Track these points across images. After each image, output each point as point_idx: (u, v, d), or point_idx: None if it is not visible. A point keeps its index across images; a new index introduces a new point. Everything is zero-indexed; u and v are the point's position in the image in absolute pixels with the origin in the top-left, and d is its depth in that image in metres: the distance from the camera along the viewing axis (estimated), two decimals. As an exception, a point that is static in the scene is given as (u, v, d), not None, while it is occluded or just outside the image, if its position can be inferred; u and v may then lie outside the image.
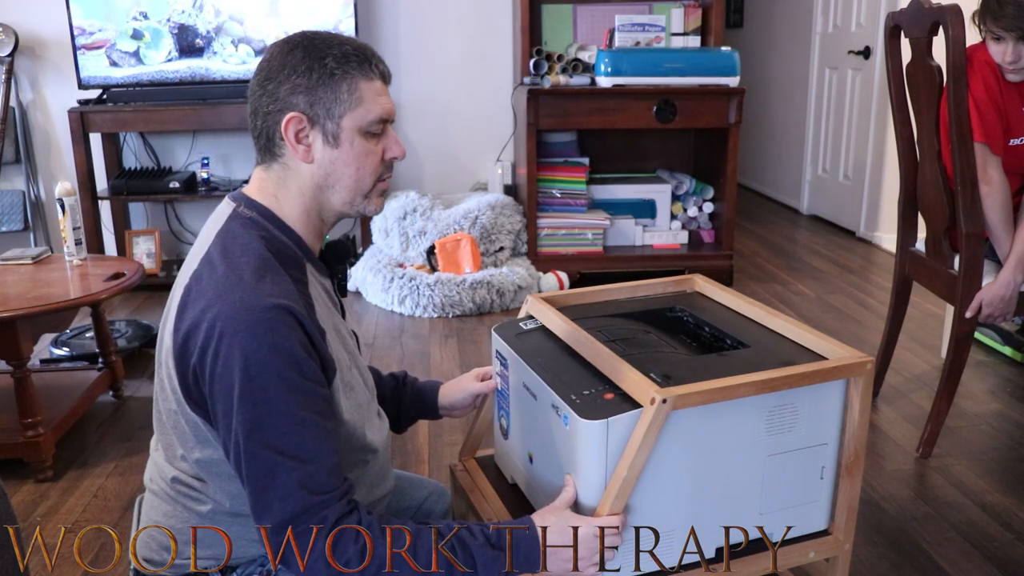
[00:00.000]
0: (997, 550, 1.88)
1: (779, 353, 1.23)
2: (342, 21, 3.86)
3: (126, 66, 3.80)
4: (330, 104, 1.12)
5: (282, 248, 1.13)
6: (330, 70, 1.11)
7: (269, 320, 1.03)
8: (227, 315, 1.03)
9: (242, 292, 1.04)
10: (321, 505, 1.04)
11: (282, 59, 1.12)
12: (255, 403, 1.03)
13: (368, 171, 1.17)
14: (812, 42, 5.23)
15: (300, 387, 1.04)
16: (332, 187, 1.16)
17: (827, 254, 4.45)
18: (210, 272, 1.08)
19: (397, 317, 3.51)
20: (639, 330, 1.36)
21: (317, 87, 1.11)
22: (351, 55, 1.13)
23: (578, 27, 4.09)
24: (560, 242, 3.84)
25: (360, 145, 1.15)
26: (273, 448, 1.03)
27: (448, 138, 4.34)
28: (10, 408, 2.26)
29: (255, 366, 1.02)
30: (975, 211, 2.15)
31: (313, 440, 1.05)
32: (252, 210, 1.15)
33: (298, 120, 1.11)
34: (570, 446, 1.11)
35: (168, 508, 1.19)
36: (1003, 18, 2.06)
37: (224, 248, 1.10)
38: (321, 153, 1.14)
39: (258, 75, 1.14)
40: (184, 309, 1.08)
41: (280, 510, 1.04)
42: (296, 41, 1.13)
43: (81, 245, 2.55)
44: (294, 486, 1.03)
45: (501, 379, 1.36)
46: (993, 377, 2.83)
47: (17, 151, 4.01)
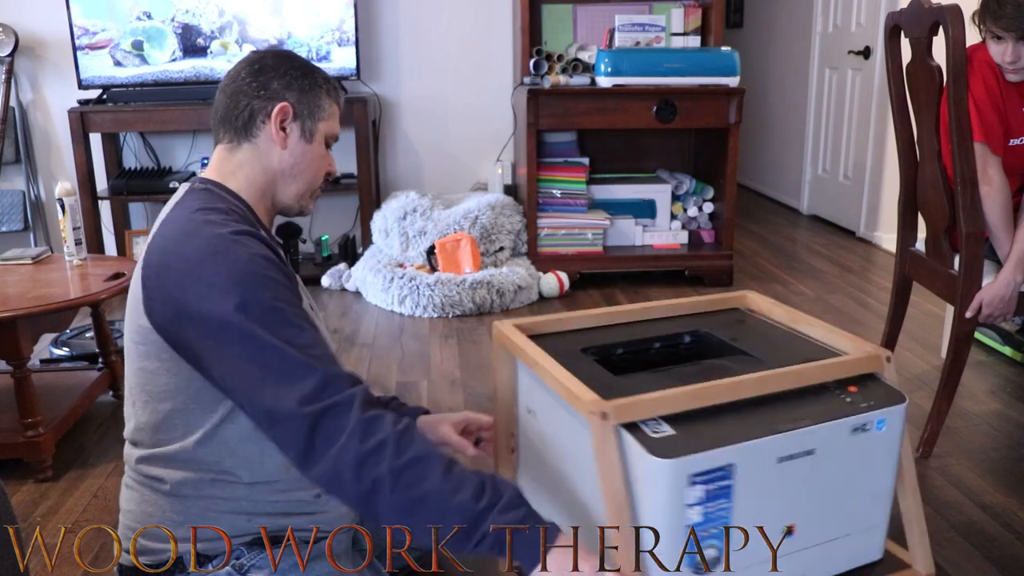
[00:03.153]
0: (997, 550, 1.88)
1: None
2: (344, 21, 3.86)
3: (130, 66, 3.80)
4: (314, 108, 1.31)
5: (238, 211, 1.23)
6: (318, 82, 1.32)
7: (243, 240, 1.13)
8: (206, 240, 1.12)
9: (213, 225, 1.14)
10: (341, 379, 1.08)
11: (278, 61, 1.30)
12: (252, 306, 1.08)
13: (320, 173, 1.35)
14: (812, 42, 5.23)
15: (286, 287, 1.14)
16: (293, 177, 1.31)
17: (827, 254, 4.45)
18: (173, 224, 1.18)
19: (397, 317, 3.50)
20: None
21: (309, 90, 1.30)
22: (329, 80, 1.35)
23: (578, 27, 4.09)
24: (560, 242, 3.84)
25: (322, 149, 1.33)
26: (279, 337, 1.08)
27: (448, 138, 4.34)
28: (10, 408, 2.26)
29: (243, 273, 1.10)
30: (975, 211, 2.15)
31: (310, 332, 1.12)
32: (205, 184, 1.27)
33: (286, 110, 1.28)
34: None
35: (135, 495, 1.22)
36: (1003, 18, 2.06)
37: (185, 206, 1.20)
38: (295, 144, 1.29)
39: (250, 66, 1.29)
40: (151, 256, 1.16)
41: (302, 383, 1.06)
42: (289, 53, 1.34)
43: (81, 245, 2.55)
44: (309, 361, 1.08)
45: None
46: (993, 377, 2.83)
47: (17, 151, 4.01)
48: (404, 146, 4.34)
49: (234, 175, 1.28)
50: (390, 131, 4.30)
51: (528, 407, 1.30)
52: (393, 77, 4.24)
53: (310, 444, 1.04)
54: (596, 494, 1.13)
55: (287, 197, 1.32)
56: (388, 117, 4.27)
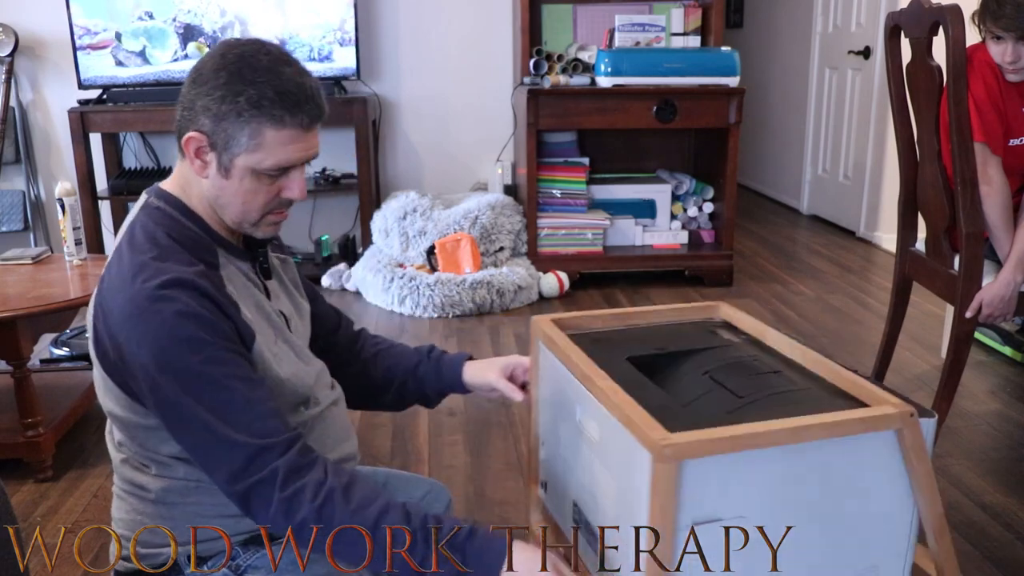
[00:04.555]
0: (997, 550, 1.88)
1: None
2: (346, 21, 3.86)
3: (132, 66, 3.80)
4: (229, 140, 1.12)
5: (189, 235, 1.16)
6: (239, 109, 1.10)
7: (169, 295, 1.07)
8: (130, 297, 1.07)
9: (143, 277, 1.08)
10: (267, 450, 1.06)
11: (210, 73, 1.12)
12: (174, 371, 1.06)
13: (255, 207, 1.17)
14: (812, 42, 5.23)
15: (214, 344, 1.08)
16: (222, 207, 1.17)
17: (827, 254, 4.45)
18: (118, 262, 1.13)
19: (397, 317, 3.51)
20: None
21: (224, 119, 1.11)
22: (270, 98, 1.10)
23: (578, 27, 4.09)
24: (560, 242, 3.84)
25: (249, 183, 1.14)
26: (205, 407, 1.06)
27: (448, 138, 4.34)
28: (10, 408, 2.26)
29: (164, 336, 1.06)
30: (975, 211, 2.15)
31: (242, 391, 1.08)
32: (161, 200, 1.18)
33: (199, 139, 1.12)
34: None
35: (124, 504, 1.22)
36: (1003, 18, 2.06)
37: (131, 238, 1.15)
38: (214, 176, 1.15)
39: (191, 73, 1.14)
40: (98, 295, 1.14)
41: (229, 461, 1.06)
42: (230, 59, 1.11)
43: (81, 245, 2.55)
44: (235, 435, 1.06)
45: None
46: (993, 377, 2.83)
47: (17, 151, 4.01)
48: (404, 146, 4.34)
49: (185, 192, 1.19)
50: (390, 131, 4.30)
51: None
52: (393, 77, 4.24)
53: (247, 511, 1.08)
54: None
55: (230, 223, 1.19)
56: (388, 117, 4.28)
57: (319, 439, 1.25)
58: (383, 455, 2.34)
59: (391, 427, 2.50)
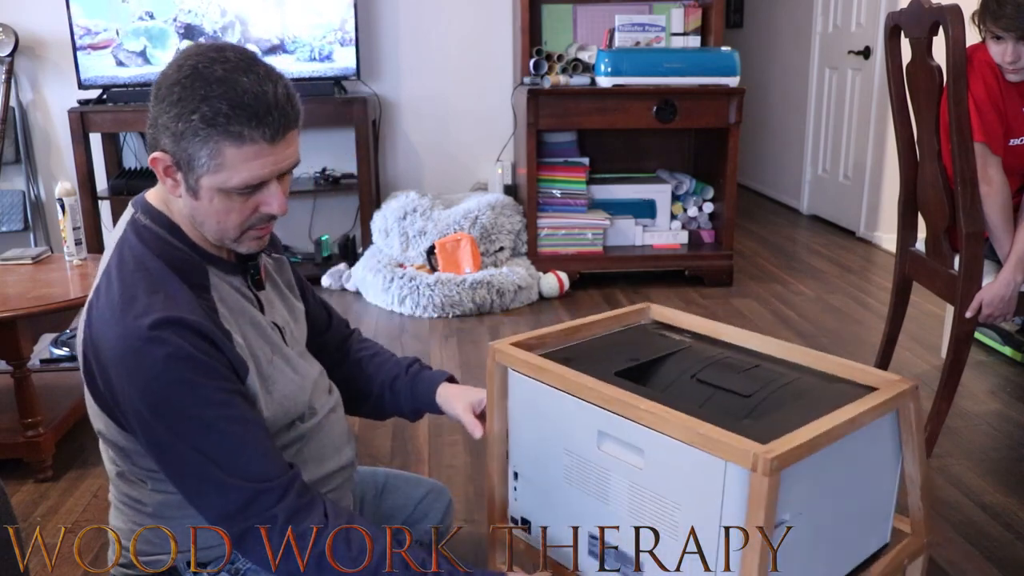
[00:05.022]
0: (997, 550, 1.88)
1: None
2: (346, 21, 3.86)
3: (132, 66, 3.80)
4: (190, 160, 1.05)
5: (178, 257, 1.12)
6: (194, 128, 1.02)
7: (161, 336, 1.03)
8: (121, 335, 1.03)
9: (134, 313, 1.04)
10: (264, 494, 1.05)
11: (166, 88, 1.04)
12: (166, 415, 1.04)
13: (230, 225, 1.10)
14: (812, 42, 5.23)
15: (206, 386, 1.05)
16: (199, 225, 1.12)
17: (827, 254, 4.45)
18: (107, 288, 1.09)
19: (397, 317, 3.51)
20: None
21: (181, 138, 1.03)
22: (225, 113, 1.01)
23: (578, 27, 4.09)
24: (560, 242, 3.84)
25: (220, 203, 1.08)
26: (198, 451, 1.04)
27: (448, 138, 4.34)
28: (10, 408, 2.26)
29: (155, 379, 1.03)
30: (975, 211, 2.15)
31: (236, 433, 1.06)
32: (148, 217, 1.13)
33: (164, 159, 1.07)
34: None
35: (122, 516, 1.21)
36: (1003, 18, 2.06)
37: (121, 262, 1.10)
38: (185, 196, 1.09)
39: (153, 87, 1.07)
40: (88, 325, 1.10)
41: (222, 505, 1.05)
42: (184, 73, 1.03)
43: (81, 245, 2.55)
44: (228, 479, 1.04)
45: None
46: (993, 377, 2.83)
47: (17, 151, 4.01)
48: (404, 146, 4.34)
49: (168, 208, 1.14)
50: (390, 131, 4.30)
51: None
52: (393, 77, 4.24)
53: (239, 549, 1.08)
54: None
55: (210, 239, 1.14)
56: (388, 117, 4.27)
57: (317, 450, 1.24)
58: (383, 455, 2.33)
59: (391, 427, 2.50)
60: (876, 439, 1.14)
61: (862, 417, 1.06)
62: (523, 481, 1.28)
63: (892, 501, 1.21)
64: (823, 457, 1.03)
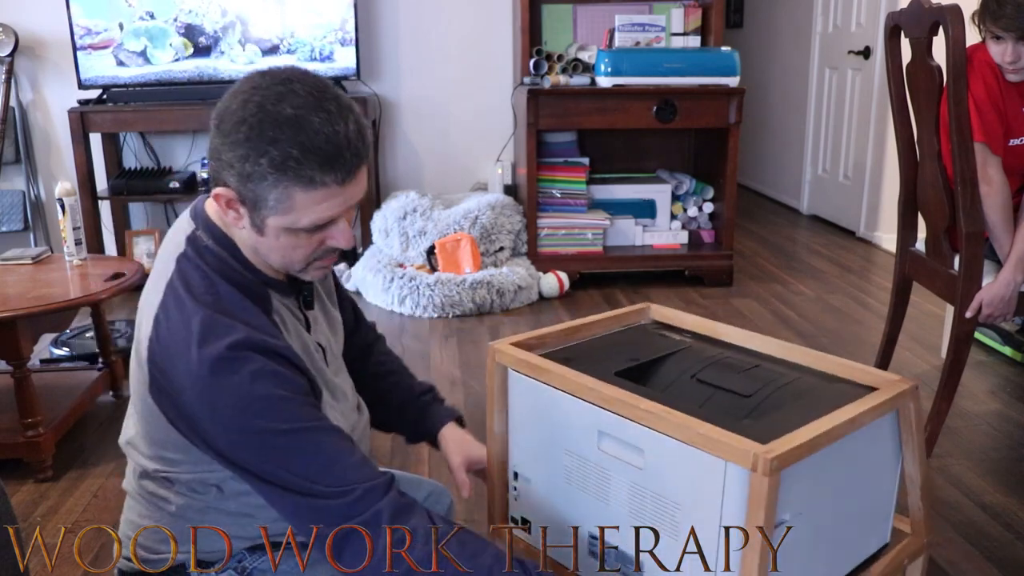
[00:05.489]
0: (997, 550, 1.88)
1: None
2: (347, 21, 3.86)
3: (133, 66, 3.80)
4: (257, 200, 1.02)
5: (243, 281, 1.10)
6: (262, 172, 0.99)
7: (241, 356, 1.01)
8: (200, 360, 1.00)
9: (212, 334, 1.01)
10: (369, 492, 1.03)
11: (231, 124, 1.00)
12: (258, 435, 1.01)
13: (296, 259, 1.09)
14: (812, 42, 5.23)
15: (294, 400, 1.03)
16: (263, 256, 1.10)
17: (827, 254, 4.45)
18: (177, 306, 1.05)
19: (397, 317, 3.51)
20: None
21: (249, 180, 1.00)
22: (296, 158, 0.98)
23: (578, 27, 4.09)
24: (560, 242, 3.84)
25: (287, 240, 1.06)
26: (293, 468, 1.02)
27: (448, 138, 4.34)
28: (10, 408, 2.26)
29: (243, 399, 1.00)
30: (975, 211, 2.15)
31: (331, 444, 1.04)
32: (209, 236, 1.10)
33: (228, 194, 1.03)
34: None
35: (139, 508, 1.19)
36: (1003, 18, 2.06)
37: (187, 280, 1.07)
38: (248, 230, 1.06)
39: (215, 115, 1.03)
40: (155, 343, 1.06)
41: (325, 517, 1.03)
42: (250, 110, 0.99)
43: (81, 245, 2.55)
44: (327, 490, 1.02)
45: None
46: (993, 377, 2.83)
47: (17, 151, 4.01)
48: (404, 146, 4.34)
49: (229, 229, 1.11)
50: (390, 131, 4.30)
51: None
52: (393, 77, 4.24)
53: (337, 558, 1.04)
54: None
55: (275, 266, 1.12)
56: (388, 117, 4.27)
57: None
58: (383, 455, 2.33)
59: (391, 427, 2.50)
60: (876, 439, 1.14)
61: (862, 417, 1.06)
62: (523, 481, 1.28)
63: (892, 501, 1.21)
64: (823, 457, 1.03)
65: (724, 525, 0.98)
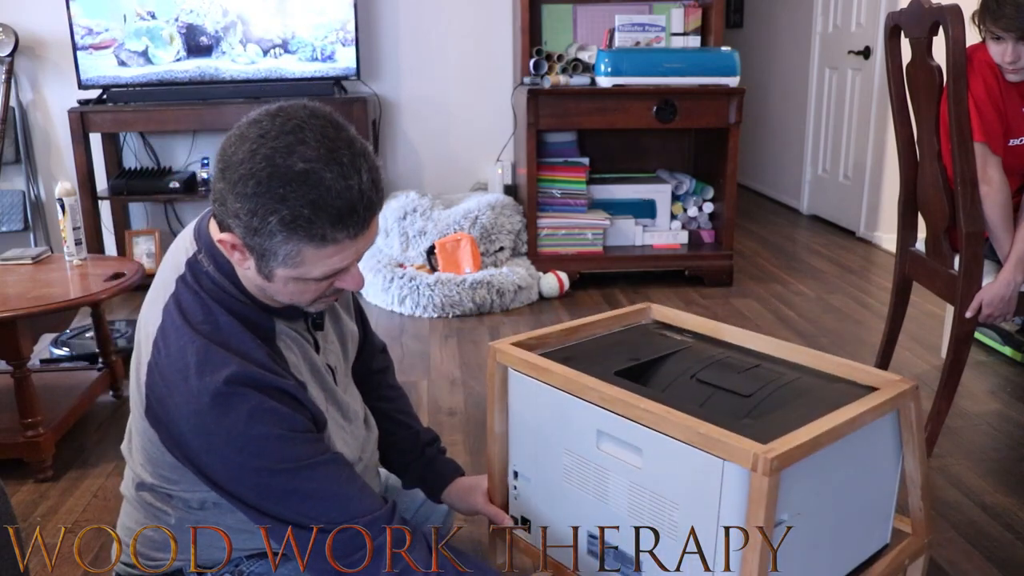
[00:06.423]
0: (997, 550, 1.88)
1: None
2: (348, 21, 3.85)
3: (134, 66, 3.80)
4: (264, 252, 0.98)
5: (241, 309, 1.07)
6: (271, 230, 0.95)
7: (239, 392, 0.99)
8: (196, 393, 0.99)
9: (208, 366, 0.99)
10: (370, 526, 1.03)
11: (237, 175, 0.95)
12: (255, 472, 1.01)
13: (305, 300, 1.07)
14: (812, 42, 5.23)
15: (292, 439, 1.02)
16: (271, 295, 1.07)
17: (827, 254, 4.45)
18: (175, 333, 1.03)
19: (397, 317, 3.50)
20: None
21: (256, 234, 0.96)
22: (307, 217, 0.93)
23: (578, 27, 4.09)
24: (560, 242, 3.84)
25: (295, 286, 1.03)
26: (292, 505, 1.02)
27: (448, 138, 4.34)
28: (10, 408, 2.26)
29: (241, 436, 0.99)
30: (975, 211, 2.15)
31: (330, 478, 1.04)
32: (211, 261, 1.07)
33: (233, 240, 1.00)
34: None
35: (138, 516, 1.19)
36: (1003, 18, 2.06)
37: (184, 307, 1.05)
38: (254, 273, 1.03)
39: (219, 155, 0.98)
40: (152, 370, 1.04)
41: (328, 547, 1.03)
42: (259, 162, 0.93)
43: (81, 245, 2.55)
44: (327, 525, 1.02)
45: None
46: (993, 377, 2.83)
47: (17, 151, 4.01)
48: (404, 146, 4.34)
49: (238, 265, 1.07)
50: (390, 131, 4.30)
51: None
52: (393, 77, 4.24)
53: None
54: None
55: (282, 303, 1.09)
56: (388, 117, 4.27)
57: None
58: (383, 455, 2.33)
59: (391, 427, 2.50)
60: (876, 439, 1.14)
61: (862, 417, 1.06)
62: (523, 481, 1.28)
63: (892, 501, 1.21)
64: (823, 457, 1.03)
65: (724, 525, 0.99)
